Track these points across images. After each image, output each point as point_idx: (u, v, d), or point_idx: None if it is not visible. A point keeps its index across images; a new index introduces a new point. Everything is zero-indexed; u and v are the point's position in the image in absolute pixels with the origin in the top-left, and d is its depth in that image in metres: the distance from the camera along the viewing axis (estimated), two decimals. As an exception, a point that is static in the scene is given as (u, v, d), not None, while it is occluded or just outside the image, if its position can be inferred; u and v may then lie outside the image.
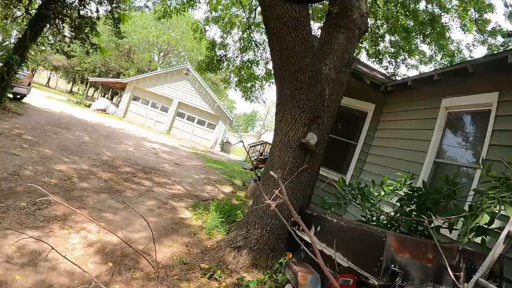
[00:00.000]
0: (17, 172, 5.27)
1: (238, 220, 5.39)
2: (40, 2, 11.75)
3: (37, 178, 5.29)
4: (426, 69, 11.12)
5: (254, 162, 19.10)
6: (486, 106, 4.35)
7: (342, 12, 5.03)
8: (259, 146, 25.35)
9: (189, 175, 9.92)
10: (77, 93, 34.91)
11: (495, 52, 8.74)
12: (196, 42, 29.65)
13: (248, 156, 25.27)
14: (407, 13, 9.26)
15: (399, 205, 3.61)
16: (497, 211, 2.54)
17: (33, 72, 16.13)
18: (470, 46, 10.28)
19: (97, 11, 12.99)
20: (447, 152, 5.18)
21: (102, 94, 38.00)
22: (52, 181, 5.40)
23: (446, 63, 10.35)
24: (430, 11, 9.60)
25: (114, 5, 12.49)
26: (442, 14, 9.55)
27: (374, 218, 3.62)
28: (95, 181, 6.14)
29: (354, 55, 5.93)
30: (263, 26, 12.79)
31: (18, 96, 13.50)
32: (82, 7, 12.47)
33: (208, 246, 4.50)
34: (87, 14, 12.56)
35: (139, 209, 5.36)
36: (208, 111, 27.13)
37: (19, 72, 11.90)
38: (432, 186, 4.45)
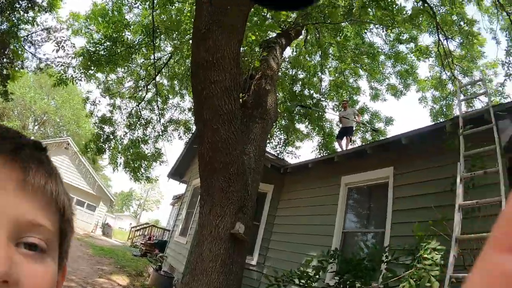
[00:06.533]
0: None
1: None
2: None
3: None
4: (303, 144, 12.70)
5: (143, 248, 17.08)
6: (384, 179, 5.23)
7: (257, 102, 5.50)
8: (144, 229, 22.80)
9: (79, 267, 8.31)
10: None
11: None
12: (80, 114, 26.47)
13: (131, 240, 22.50)
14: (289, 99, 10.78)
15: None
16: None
17: None
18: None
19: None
20: (353, 222, 5.75)
21: None
22: None
23: (321, 139, 11.95)
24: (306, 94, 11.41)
25: (5, 60, 10.55)
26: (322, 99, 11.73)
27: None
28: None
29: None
30: (152, 103, 12.17)
31: None
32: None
33: None
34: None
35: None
36: (88, 191, 23.96)
37: None
38: (343, 255, 4.63)
